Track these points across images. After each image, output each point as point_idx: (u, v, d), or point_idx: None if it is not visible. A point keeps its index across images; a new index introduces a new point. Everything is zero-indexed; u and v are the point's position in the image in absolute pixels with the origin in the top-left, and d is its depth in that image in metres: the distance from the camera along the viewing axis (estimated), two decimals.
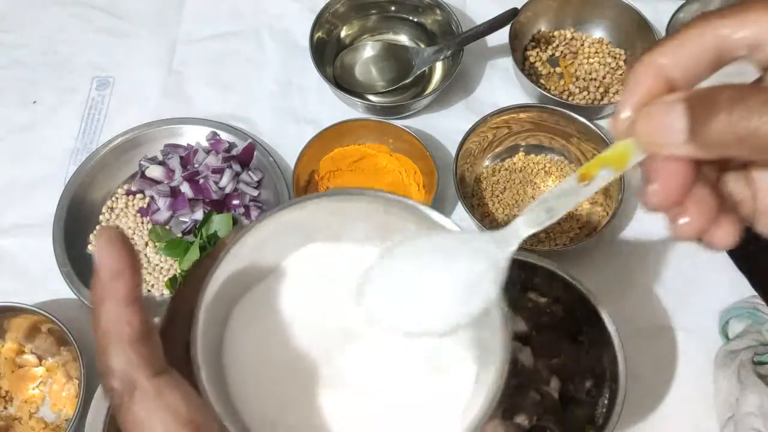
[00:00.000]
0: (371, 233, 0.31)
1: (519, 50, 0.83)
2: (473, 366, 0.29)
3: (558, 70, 0.84)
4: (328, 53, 0.84)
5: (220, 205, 0.73)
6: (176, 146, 0.77)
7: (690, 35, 0.25)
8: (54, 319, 0.63)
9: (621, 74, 0.82)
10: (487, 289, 0.27)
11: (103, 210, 0.75)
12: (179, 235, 0.72)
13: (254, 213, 0.73)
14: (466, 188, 0.75)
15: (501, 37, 0.80)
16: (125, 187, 0.76)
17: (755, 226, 0.27)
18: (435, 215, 0.29)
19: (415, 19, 0.86)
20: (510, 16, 0.76)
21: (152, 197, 0.74)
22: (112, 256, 0.24)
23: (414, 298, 0.28)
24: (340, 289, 0.30)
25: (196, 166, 0.75)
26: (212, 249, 0.28)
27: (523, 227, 0.27)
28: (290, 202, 0.29)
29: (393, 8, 0.86)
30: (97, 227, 0.74)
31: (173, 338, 0.27)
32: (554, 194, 0.26)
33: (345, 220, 0.31)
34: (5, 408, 0.66)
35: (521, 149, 0.78)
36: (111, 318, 0.24)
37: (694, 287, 0.69)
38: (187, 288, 0.28)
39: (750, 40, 0.24)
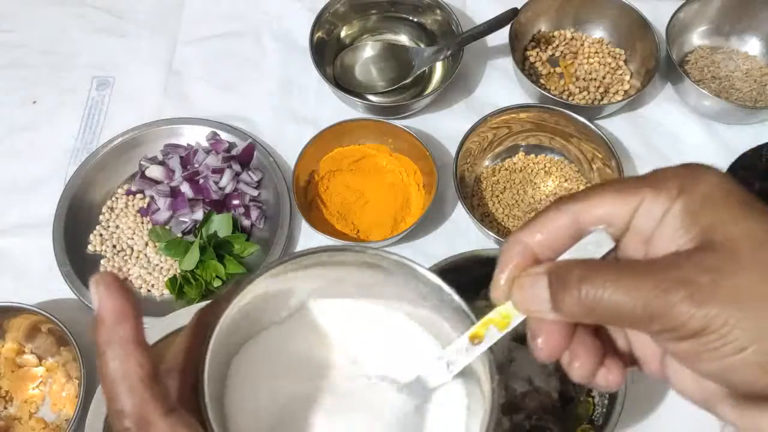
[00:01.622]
0: (364, 289, 0.33)
1: (519, 50, 0.83)
2: (464, 413, 0.31)
3: (558, 70, 0.84)
4: (328, 53, 0.84)
5: (220, 205, 0.73)
6: (176, 146, 0.77)
7: (549, 217, 0.29)
8: (54, 319, 0.63)
9: (621, 74, 0.82)
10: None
11: (103, 210, 0.75)
12: (179, 235, 0.72)
13: (254, 213, 0.73)
14: (466, 188, 0.75)
15: (501, 37, 0.80)
16: (125, 187, 0.76)
17: (643, 370, 0.31)
18: (431, 277, 0.32)
19: (415, 19, 0.86)
20: (510, 16, 0.76)
21: (152, 197, 0.74)
22: (114, 299, 0.25)
23: None
24: (336, 344, 0.33)
25: (196, 166, 0.75)
26: (222, 294, 0.30)
27: (429, 379, 0.31)
28: (296, 254, 0.31)
29: (393, 8, 0.86)
30: (94, 276, 0.74)
31: (183, 378, 0.28)
32: (451, 351, 0.30)
33: (345, 275, 0.33)
34: (5, 408, 0.66)
35: (521, 149, 0.78)
36: (121, 360, 0.24)
37: None
38: (194, 331, 0.29)
39: (601, 218, 0.28)
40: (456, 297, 0.31)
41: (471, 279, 0.63)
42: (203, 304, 0.32)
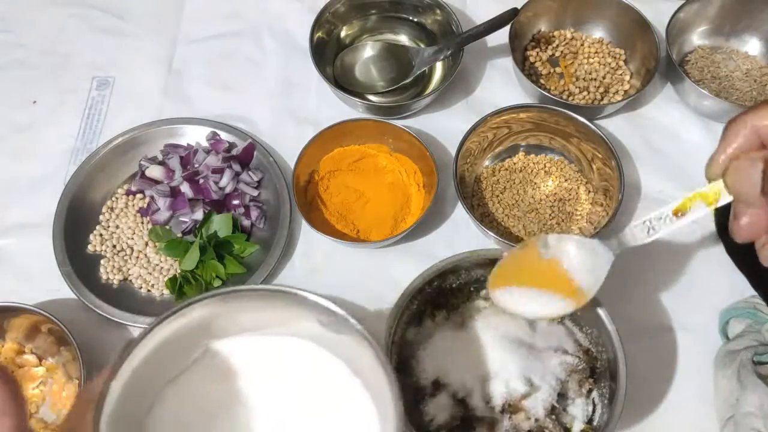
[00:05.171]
0: (258, 323, 0.34)
1: (519, 50, 0.83)
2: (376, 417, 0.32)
3: (558, 70, 0.84)
4: (328, 53, 0.84)
5: (220, 205, 0.73)
6: (176, 146, 0.77)
7: None
8: (54, 319, 0.63)
9: (621, 74, 0.82)
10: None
11: (103, 210, 0.75)
12: (179, 235, 0.72)
13: (254, 213, 0.73)
14: (466, 188, 0.75)
15: (501, 37, 0.80)
16: (125, 187, 0.76)
17: None
18: (311, 296, 0.32)
19: (415, 19, 0.86)
20: (510, 16, 0.76)
21: (152, 197, 0.74)
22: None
23: None
24: (244, 382, 0.33)
25: (196, 166, 0.75)
26: (105, 367, 0.30)
27: (627, 239, 0.35)
28: (176, 308, 0.31)
29: (393, 8, 0.86)
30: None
31: None
32: (654, 217, 0.33)
33: (232, 316, 0.33)
34: None
35: (521, 149, 0.78)
36: None
37: (694, 287, 0.69)
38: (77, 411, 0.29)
39: None
40: (351, 319, 0.31)
41: (471, 279, 0.63)
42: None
